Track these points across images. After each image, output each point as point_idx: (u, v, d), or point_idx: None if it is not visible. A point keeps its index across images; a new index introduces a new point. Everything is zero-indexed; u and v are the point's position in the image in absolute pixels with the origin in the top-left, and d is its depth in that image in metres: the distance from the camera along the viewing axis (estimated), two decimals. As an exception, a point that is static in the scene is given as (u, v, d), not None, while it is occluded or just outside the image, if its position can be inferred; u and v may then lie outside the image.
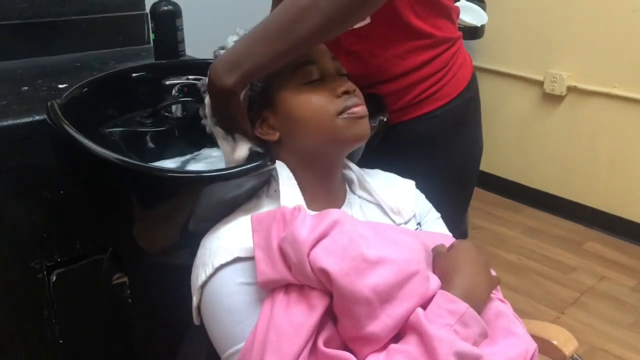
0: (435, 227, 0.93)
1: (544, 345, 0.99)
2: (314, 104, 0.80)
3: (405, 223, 0.89)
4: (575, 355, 1.01)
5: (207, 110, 0.87)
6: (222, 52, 0.85)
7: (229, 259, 0.73)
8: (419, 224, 0.91)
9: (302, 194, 0.81)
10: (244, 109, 0.84)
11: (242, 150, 0.84)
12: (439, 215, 0.95)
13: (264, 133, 0.84)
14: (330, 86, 0.82)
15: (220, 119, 0.85)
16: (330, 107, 0.80)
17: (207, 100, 0.86)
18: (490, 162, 2.89)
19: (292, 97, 0.81)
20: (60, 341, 1.33)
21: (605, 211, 2.61)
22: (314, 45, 0.83)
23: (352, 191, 0.92)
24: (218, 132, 0.87)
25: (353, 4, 0.78)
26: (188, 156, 1.09)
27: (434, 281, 0.71)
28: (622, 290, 2.25)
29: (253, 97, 0.84)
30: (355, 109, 0.81)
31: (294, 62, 0.82)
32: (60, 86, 1.36)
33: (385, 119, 1.02)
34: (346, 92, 0.82)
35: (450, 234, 0.92)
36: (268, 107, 0.83)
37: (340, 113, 0.80)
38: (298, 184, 0.82)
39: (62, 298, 1.31)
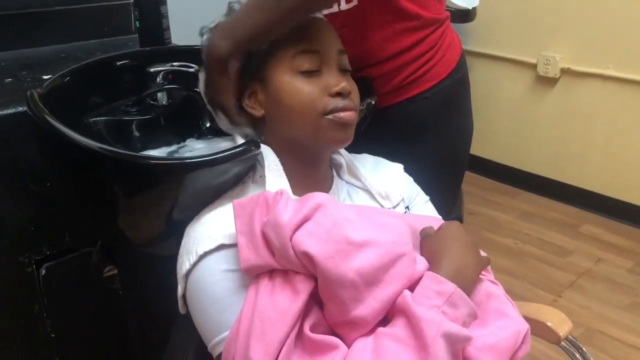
0: (424, 210, 0.92)
1: (538, 327, 0.98)
2: (303, 96, 0.79)
3: (394, 207, 0.88)
4: (570, 337, 1.00)
5: (201, 85, 0.86)
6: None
7: (213, 246, 0.72)
8: (407, 207, 0.90)
9: (288, 180, 0.80)
10: (231, 83, 0.82)
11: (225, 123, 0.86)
12: (427, 198, 0.94)
13: (249, 105, 0.84)
14: (326, 81, 0.80)
15: (209, 89, 0.85)
16: (318, 103, 0.78)
17: (201, 75, 0.86)
18: (485, 147, 2.88)
19: (284, 80, 0.80)
20: (52, 335, 1.32)
21: (601, 193, 2.61)
22: (306, 15, 0.82)
23: (340, 176, 0.90)
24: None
25: None
26: (173, 147, 1.07)
27: (421, 263, 0.70)
28: (618, 272, 2.25)
29: (249, 67, 0.83)
30: (342, 114, 0.79)
31: (297, 47, 0.80)
32: (45, 77, 1.33)
33: (373, 102, 1.00)
34: (339, 94, 0.79)
35: (440, 217, 0.91)
36: (260, 81, 0.82)
37: (327, 113, 0.78)
38: (284, 169, 0.81)
39: (52, 292, 1.29)
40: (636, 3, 2.29)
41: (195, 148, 1.07)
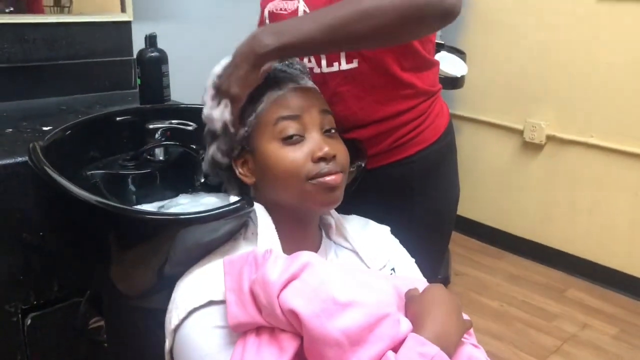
0: (409, 272, 0.93)
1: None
2: (287, 163, 0.81)
3: (380, 269, 0.90)
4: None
5: (218, 70, 0.86)
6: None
7: (202, 302, 0.73)
8: (393, 269, 0.92)
9: (279, 238, 0.82)
10: (257, 80, 0.83)
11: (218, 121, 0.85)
12: (413, 260, 0.96)
13: (242, 174, 0.86)
14: (310, 147, 0.82)
15: (232, 78, 0.83)
16: (302, 169, 0.80)
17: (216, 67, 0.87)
18: (473, 209, 2.92)
19: (269, 148, 0.82)
20: (33, 387, 1.30)
21: (587, 259, 2.63)
22: (358, 47, 0.89)
23: (329, 237, 0.92)
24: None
25: (408, 22, 0.82)
26: (165, 202, 1.09)
27: (405, 324, 0.71)
28: (603, 338, 2.25)
29: (242, 138, 0.86)
30: (327, 179, 0.80)
31: (277, 114, 0.83)
32: (45, 128, 1.37)
33: (363, 164, 1.04)
34: (323, 159, 0.81)
35: (424, 279, 0.93)
36: (250, 151, 0.85)
37: (311, 178, 0.80)
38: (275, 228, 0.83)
39: (36, 342, 1.28)
40: (619, 75, 2.39)
41: (180, 203, 1.09)
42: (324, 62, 1.02)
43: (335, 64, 1.01)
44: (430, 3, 0.82)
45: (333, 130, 0.87)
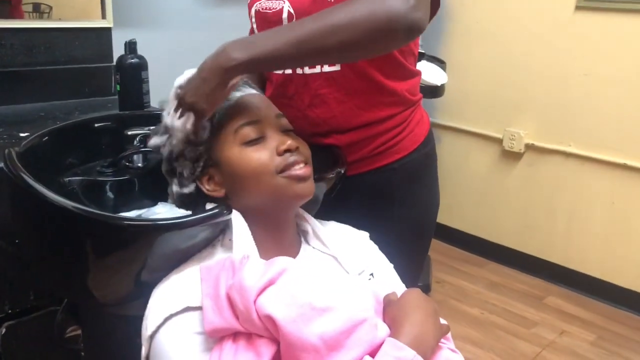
0: (388, 277, 0.94)
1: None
2: (253, 163, 0.82)
3: (359, 274, 0.90)
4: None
5: (180, 82, 0.86)
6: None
7: (179, 308, 0.73)
8: (371, 274, 0.92)
9: (256, 245, 0.82)
10: (221, 98, 0.83)
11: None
12: (391, 266, 0.97)
13: (211, 190, 0.86)
14: (272, 144, 0.83)
15: (198, 92, 0.82)
16: (270, 165, 0.82)
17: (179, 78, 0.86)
18: (454, 217, 2.95)
19: (233, 154, 0.83)
20: (7, 398, 1.27)
21: (565, 266, 2.67)
22: (328, 61, 0.90)
23: (307, 242, 0.93)
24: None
25: (377, 37, 0.83)
26: (142, 211, 1.09)
27: (383, 329, 0.72)
28: (582, 345, 2.27)
29: (201, 154, 0.86)
30: (297, 172, 0.82)
31: (237, 122, 0.83)
32: (22, 135, 1.35)
33: (342, 171, 1.04)
34: (288, 150, 0.82)
35: (403, 285, 0.93)
36: (213, 165, 0.85)
37: (281, 171, 0.82)
38: (252, 234, 0.83)
39: (11, 352, 1.26)
40: (597, 84, 2.43)
41: (156, 212, 1.08)
42: None
43: (318, 65, 1.02)
44: (398, 17, 0.82)
45: (291, 131, 0.88)
